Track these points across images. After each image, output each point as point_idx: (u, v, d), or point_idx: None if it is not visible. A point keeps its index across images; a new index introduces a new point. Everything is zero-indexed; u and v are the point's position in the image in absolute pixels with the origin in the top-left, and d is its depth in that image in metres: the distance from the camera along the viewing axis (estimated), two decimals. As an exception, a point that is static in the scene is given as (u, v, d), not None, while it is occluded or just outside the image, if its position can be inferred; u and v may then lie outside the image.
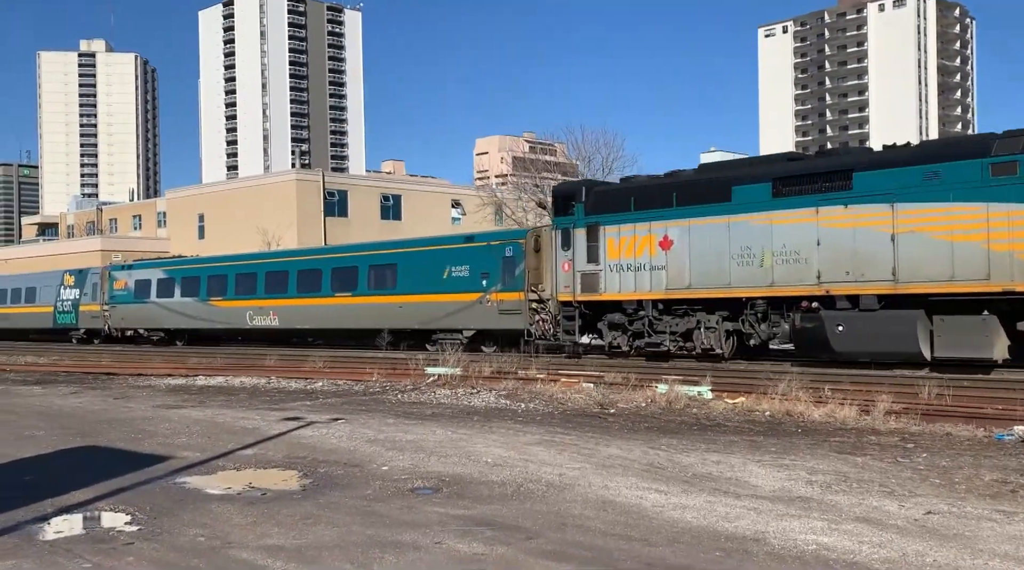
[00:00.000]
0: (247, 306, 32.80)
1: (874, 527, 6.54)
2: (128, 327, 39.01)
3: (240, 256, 37.26)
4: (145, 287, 37.58)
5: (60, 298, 42.52)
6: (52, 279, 44.45)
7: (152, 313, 37.09)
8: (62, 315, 42.39)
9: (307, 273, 31.12)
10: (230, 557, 5.93)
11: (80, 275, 42.01)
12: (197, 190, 69.44)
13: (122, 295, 38.67)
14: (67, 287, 42.20)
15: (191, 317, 35.16)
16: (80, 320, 41.26)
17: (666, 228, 19.71)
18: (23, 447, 10.89)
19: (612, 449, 10.09)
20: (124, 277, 38.98)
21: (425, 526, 6.68)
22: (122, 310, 38.72)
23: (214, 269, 35.41)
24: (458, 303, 25.64)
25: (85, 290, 40.83)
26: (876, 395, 12.93)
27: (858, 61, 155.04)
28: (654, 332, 20.13)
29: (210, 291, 34.54)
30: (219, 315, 34.11)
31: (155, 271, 37.82)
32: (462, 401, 15.36)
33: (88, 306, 40.59)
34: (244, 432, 11.89)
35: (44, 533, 6.71)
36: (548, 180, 53.43)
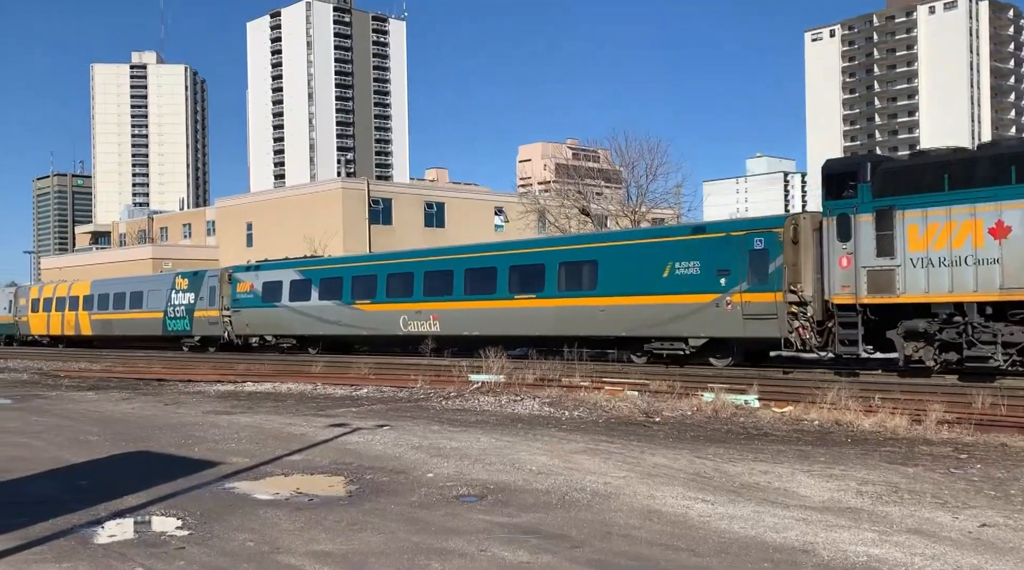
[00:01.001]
0: (401, 310, 29.31)
1: (927, 539, 6.41)
2: (253, 334, 35.62)
3: (392, 254, 33.72)
4: (275, 290, 34.09)
5: (171, 303, 39.38)
6: (161, 282, 41.53)
7: (283, 318, 33.66)
8: (173, 321, 39.34)
9: (478, 272, 27.61)
10: (279, 562, 6.00)
11: (195, 278, 38.82)
12: (245, 199, 70.51)
13: (247, 299, 35.32)
14: (179, 291, 38.97)
15: (331, 322, 31.72)
16: (195, 327, 38.15)
17: (1000, 211, 15.89)
18: (78, 452, 11.13)
19: (657, 458, 10.03)
20: (249, 279, 35.46)
21: (470, 533, 6.69)
22: (246, 315, 35.36)
23: (361, 269, 31.83)
24: (683, 306, 21.48)
25: (201, 294, 37.64)
26: (928, 404, 12.68)
27: (908, 64, 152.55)
28: (979, 343, 16.14)
29: (355, 293, 31.08)
30: (366, 320, 30.54)
31: (287, 272, 34.11)
32: (506, 408, 15.37)
33: (205, 311, 37.49)
34: (291, 438, 12.02)
35: (98, 537, 6.85)
36: (591, 187, 53.36)
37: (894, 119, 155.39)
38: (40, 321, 49.34)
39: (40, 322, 49.40)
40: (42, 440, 12.23)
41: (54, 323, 48.00)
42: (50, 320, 48.32)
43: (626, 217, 47.70)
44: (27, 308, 50.59)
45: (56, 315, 47.72)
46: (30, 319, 50.23)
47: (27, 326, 50.70)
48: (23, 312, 50.96)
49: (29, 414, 15.72)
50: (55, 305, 47.86)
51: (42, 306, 49.13)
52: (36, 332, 50.18)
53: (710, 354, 21.74)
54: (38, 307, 49.47)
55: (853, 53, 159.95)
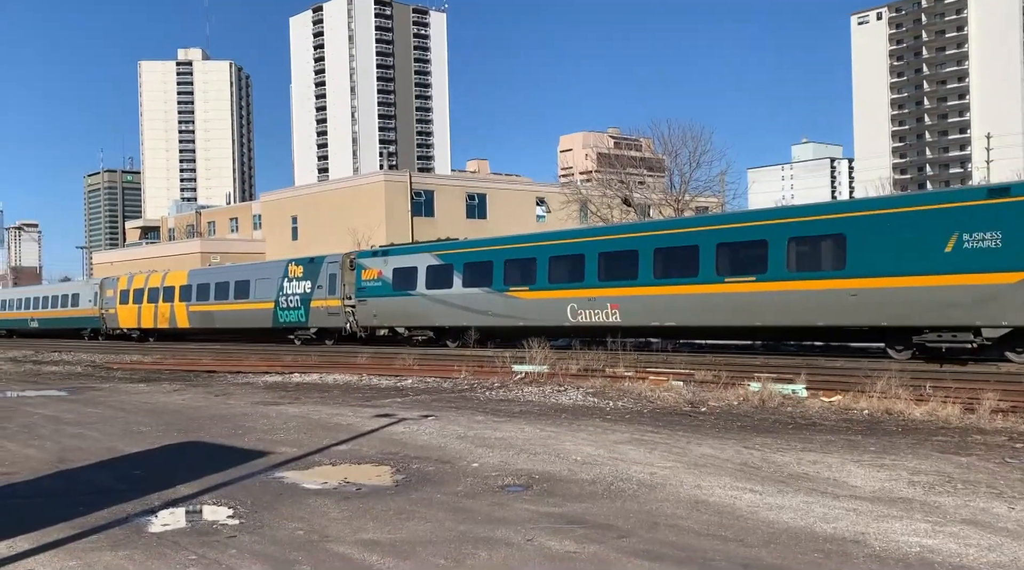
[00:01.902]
0: (569, 297, 25.84)
1: (982, 530, 6.29)
2: (381, 325, 32.65)
3: (554, 234, 30.09)
4: (408, 277, 31.08)
5: (283, 292, 36.54)
6: (271, 270, 38.39)
7: (418, 308, 30.58)
8: (286, 312, 36.53)
9: (672, 252, 23.84)
10: (328, 550, 6.07)
11: (311, 265, 35.70)
12: (290, 193, 71.31)
13: (373, 287, 32.36)
14: (293, 279, 36.14)
15: (478, 312, 28.59)
16: (311, 318, 35.33)
17: None
18: (131, 442, 11.37)
19: (704, 448, 9.96)
20: (376, 265, 32.48)
21: (516, 523, 6.71)
22: (373, 305, 32.33)
23: (516, 251, 28.36)
24: (975, 288, 17.76)
25: (319, 282, 34.75)
26: (981, 393, 12.43)
27: (957, 47, 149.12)
28: None
29: (509, 278, 27.88)
30: (524, 309, 27.25)
31: (422, 257, 31.01)
32: (550, 399, 15.37)
33: (323, 301, 34.56)
34: (338, 428, 12.15)
35: (152, 525, 6.99)
36: (633, 176, 53.07)
37: (943, 103, 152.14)
38: (129, 314, 47.15)
39: (129, 315, 47.18)
40: (97, 431, 12.51)
41: (145, 315, 45.72)
42: (141, 312, 46.03)
43: (669, 206, 47.39)
44: (115, 300, 48.30)
45: (148, 307, 45.44)
46: (118, 311, 48.01)
47: (114, 319, 48.52)
48: (110, 304, 48.69)
49: (84, 406, 16.08)
50: (147, 296, 45.62)
51: (132, 298, 46.85)
52: (125, 325, 47.86)
53: (1009, 347, 18.11)
54: (127, 299, 47.23)
55: (901, 36, 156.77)
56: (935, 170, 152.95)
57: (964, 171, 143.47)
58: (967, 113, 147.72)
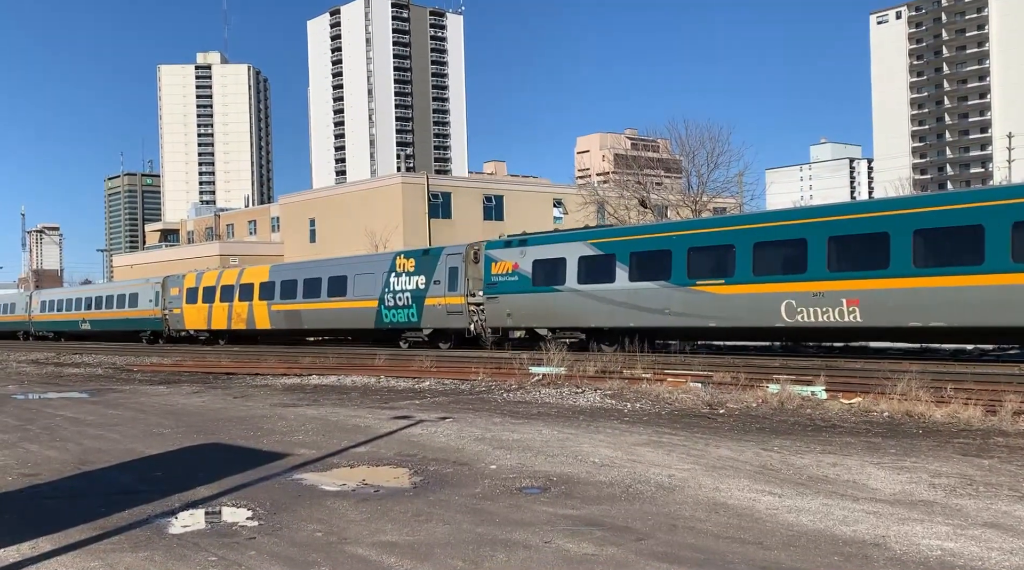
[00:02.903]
0: (783, 292, 21.43)
1: (1004, 533, 6.23)
2: (517, 326, 28.81)
3: (759, 216, 25.59)
4: (553, 269, 27.19)
5: (389, 289, 32.75)
6: (374, 264, 34.43)
7: (568, 306, 26.63)
8: (393, 311, 32.69)
9: (942, 234, 19.53)
10: (347, 552, 6.09)
11: (426, 258, 31.94)
12: (308, 195, 71.66)
13: (507, 282, 28.39)
14: (402, 273, 32.36)
15: (653, 311, 24.38)
16: (424, 317, 31.47)
17: None
18: (151, 444, 11.45)
19: (722, 450, 9.92)
20: (511, 257, 28.49)
21: (534, 525, 6.71)
22: (507, 303, 28.39)
23: (704, 237, 23.97)
24: None
25: (436, 277, 30.94)
26: (1003, 395, 12.31)
27: (978, 46, 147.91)
28: None
29: (695, 270, 23.65)
30: (716, 306, 22.94)
31: (573, 246, 26.97)
32: (567, 401, 15.35)
33: (441, 298, 30.73)
34: (356, 430, 12.19)
35: (172, 526, 7.03)
36: (651, 177, 52.98)
37: (964, 102, 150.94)
38: (198, 314, 43.82)
39: (198, 315, 43.82)
40: (117, 432, 12.60)
41: (217, 316, 42.24)
42: (212, 312, 42.60)
43: (687, 207, 47.26)
44: (180, 299, 45.02)
45: (220, 307, 41.93)
46: (184, 312, 44.74)
47: (179, 320, 45.27)
48: (175, 304, 45.49)
49: (105, 407, 16.21)
50: (219, 295, 42.17)
51: (201, 296, 43.53)
52: (192, 327, 44.69)
53: None
54: (195, 297, 43.95)
55: (920, 35, 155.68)
56: (955, 170, 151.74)
57: (985, 171, 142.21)
58: (988, 112, 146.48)
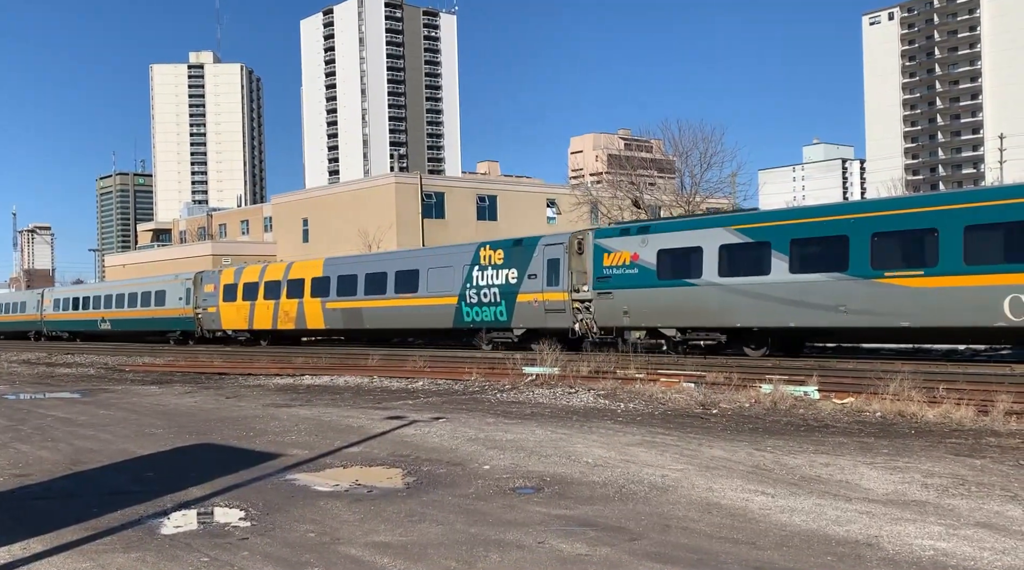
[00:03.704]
0: (1007, 285, 18.09)
1: (996, 533, 6.25)
2: (635, 325, 25.42)
3: (965, 194, 21.56)
4: (685, 260, 23.94)
5: (472, 284, 29.45)
6: (453, 256, 31.01)
7: (704, 302, 23.23)
8: (475, 309, 29.36)
9: None
10: (339, 553, 6.08)
11: (519, 248, 28.53)
12: (301, 195, 71.52)
13: (625, 275, 24.96)
14: (487, 267, 29.11)
15: (822, 308, 21.00)
16: (515, 316, 28.12)
17: None
18: (144, 444, 11.41)
19: (715, 450, 9.93)
20: (629, 246, 25.08)
21: (527, 525, 6.70)
22: (624, 299, 24.93)
23: (893, 220, 20.26)
24: None
25: (531, 270, 27.67)
26: (995, 395, 12.36)
27: (970, 47, 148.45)
28: None
29: (879, 260, 20.17)
30: (912, 302, 19.50)
31: (712, 233, 23.51)
32: (561, 401, 15.35)
33: (537, 294, 27.42)
34: (349, 430, 12.17)
35: (164, 527, 7.01)
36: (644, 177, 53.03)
37: (956, 103, 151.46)
38: (237, 313, 40.63)
39: (237, 314, 40.64)
40: (109, 433, 12.56)
41: (260, 314, 39.05)
42: (254, 311, 39.41)
43: (680, 207, 47.33)
44: (216, 297, 41.96)
45: (264, 304, 38.72)
46: (221, 310, 41.65)
47: (215, 319, 42.17)
48: (210, 302, 42.36)
49: (97, 408, 16.16)
50: (263, 292, 39.10)
51: (241, 293, 40.34)
52: (230, 326, 41.57)
53: None
54: (234, 295, 40.81)
55: (913, 36, 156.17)
56: (947, 171, 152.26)
57: (977, 172, 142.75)
58: (980, 113, 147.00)
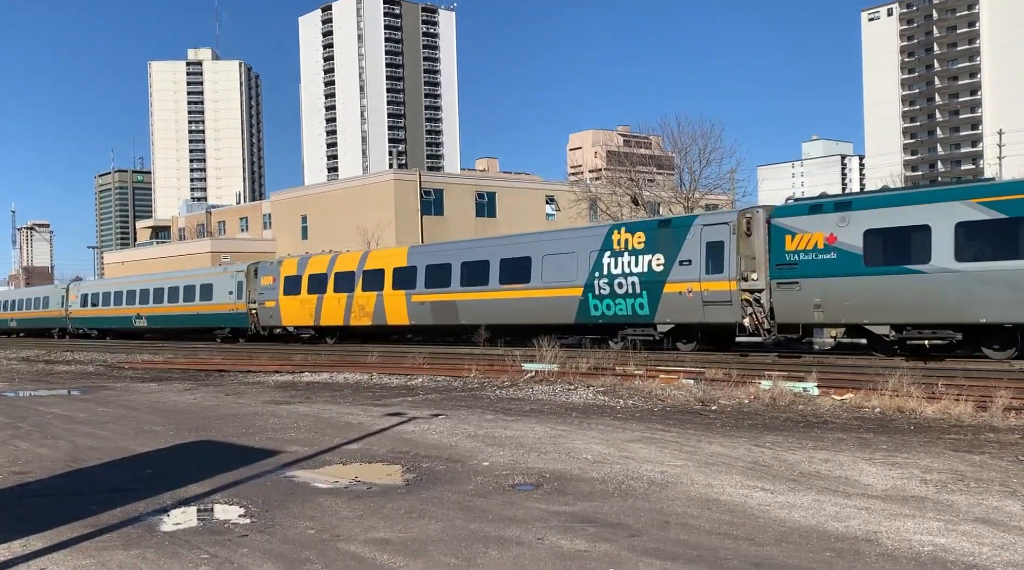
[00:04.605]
0: None
1: (995, 528, 6.26)
2: (834, 321, 20.82)
3: None
4: (905, 242, 19.96)
5: (603, 272, 25.46)
6: (577, 240, 27.04)
7: (936, 293, 19.23)
8: (607, 302, 25.33)
9: None
10: (339, 550, 6.08)
11: (665, 230, 24.60)
12: (300, 192, 71.48)
13: (818, 261, 20.72)
14: (622, 252, 25.07)
15: None
16: (660, 309, 24.22)
17: None
18: (143, 441, 11.41)
19: (715, 446, 9.94)
20: (822, 226, 20.79)
21: (527, 522, 6.71)
22: (816, 289, 20.78)
23: None
24: None
25: (684, 255, 23.68)
26: (994, 391, 12.37)
27: (969, 42, 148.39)
28: None
29: None
30: None
31: (944, 208, 19.24)
32: (560, 397, 15.36)
33: (692, 284, 23.41)
34: (349, 427, 12.17)
35: (164, 524, 7.01)
36: (643, 174, 53.02)
37: (955, 99, 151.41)
38: (300, 307, 36.92)
39: (300, 309, 36.92)
40: (109, 430, 12.56)
41: (329, 309, 35.35)
42: (321, 305, 35.73)
43: (679, 203, 47.33)
44: (276, 290, 38.31)
45: (333, 298, 35.11)
46: (281, 305, 37.89)
47: (274, 314, 38.43)
48: (268, 296, 38.74)
49: (96, 405, 16.15)
50: (332, 284, 35.38)
51: (305, 286, 36.65)
52: (292, 322, 37.93)
53: None
54: (297, 287, 37.13)
55: (912, 32, 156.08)
56: (946, 167, 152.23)
57: (976, 167, 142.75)
58: (979, 109, 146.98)
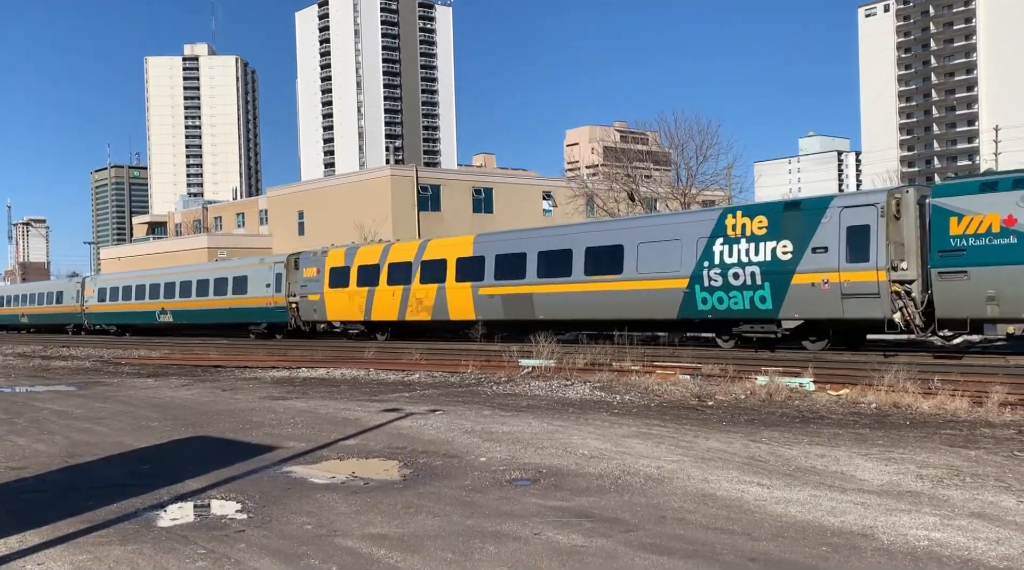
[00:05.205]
0: None
1: (990, 523, 6.28)
2: (1011, 317, 17.58)
3: None
4: None
5: (714, 262, 22.27)
6: (678, 226, 23.79)
7: None
8: (719, 294, 22.26)
9: None
10: (336, 545, 6.09)
11: (793, 213, 21.23)
12: (296, 188, 71.37)
13: (994, 246, 17.58)
14: (738, 239, 21.89)
15: None
16: (787, 303, 20.88)
17: None
18: (140, 437, 11.41)
19: (711, 442, 9.96)
20: (1000, 206, 17.57)
21: (524, 517, 6.72)
22: (986, 279, 17.67)
23: None
24: None
25: (817, 242, 20.38)
26: (989, 386, 12.40)
27: (966, 38, 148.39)
28: None
29: None
30: None
31: None
32: (557, 393, 15.37)
33: (827, 274, 20.08)
34: (346, 423, 12.18)
35: (161, 520, 7.02)
36: (640, 170, 53.03)
37: (951, 95, 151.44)
38: (350, 301, 34.11)
39: (349, 302, 34.12)
40: (105, 426, 12.55)
41: (382, 303, 32.52)
42: (372, 299, 32.92)
43: (676, 199, 47.33)
44: (320, 283, 35.54)
45: (387, 292, 32.28)
46: (327, 298, 35.23)
47: (318, 308, 35.83)
48: (311, 288, 36.08)
49: (93, 400, 16.14)
50: (385, 276, 32.57)
51: (355, 278, 33.82)
52: (339, 317, 35.39)
53: None
54: (345, 279, 34.32)
55: (908, 28, 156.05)
56: (943, 163, 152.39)
57: (972, 163, 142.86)
58: (975, 105, 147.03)
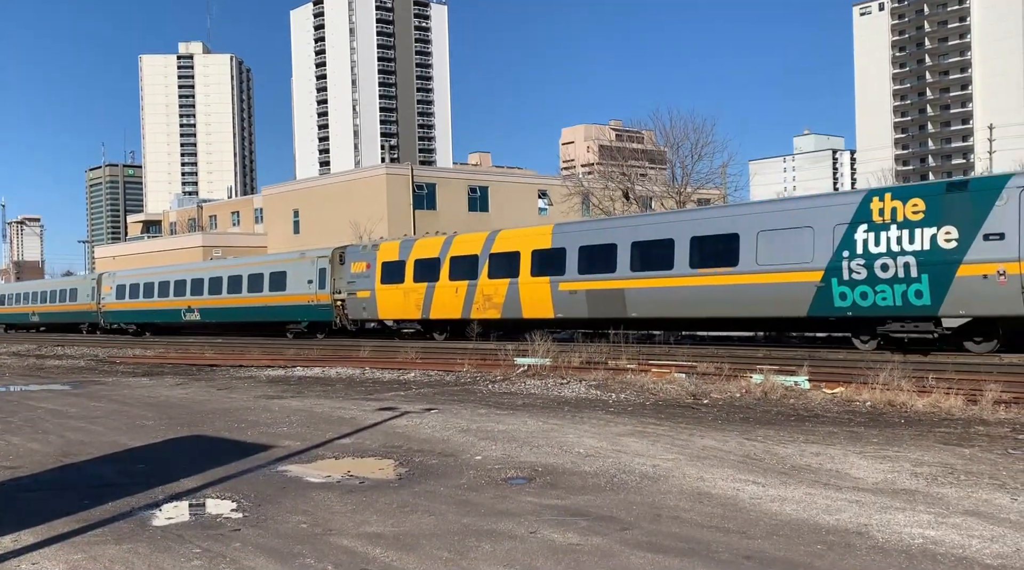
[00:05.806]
0: None
1: (985, 521, 6.30)
2: None
3: None
4: None
5: (856, 251, 19.42)
6: (807, 213, 20.76)
7: None
8: (863, 289, 19.47)
9: None
10: (331, 544, 6.09)
11: (958, 194, 18.55)
12: (291, 186, 71.28)
13: None
14: (887, 225, 19.03)
15: None
16: (949, 298, 18.36)
17: None
18: (135, 436, 11.39)
19: (706, 440, 9.97)
20: None
21: (519, 515, 6.72)
22: None
23: None
24: None
25: (989, 228, 17.91)
26: (984, 384, 12.43)
27: (960, 37, 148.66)
28: None
29: None
30: None
31: None
32: (552, 391, 15.38)
33: (1005, 264, 17.61)
34: (341, 422, 12.17)
35: (156, 519, 7.00)
36: (635, 168, 53.06)
37: (946, 94, 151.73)
38: (405, 298, 31.45)
39: (404, 299, 31.46)
40: (100, 425, 12.53)
41: (443, 300, 29.95)
42: (432, 295, 30.39)
43: (671, 198, 47.35)
44: (371, 278, 32.84)
45: (449, 288, 29.74)
46: (378, 295, 32.47)
47: (368, 306, 33.07)
48: (360, 284, 33.41)
49: (88, 399, 16.11)
50: (447, 270, 29.97)
51: (412, 273, 31.24)
52: (391, 315, 32.45)
53: None
54: (400, 275, 31.71)
55: (903, 27, 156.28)
56: (937, 162, 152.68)
57: (967, 162, 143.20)
58: (969, 104, 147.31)
